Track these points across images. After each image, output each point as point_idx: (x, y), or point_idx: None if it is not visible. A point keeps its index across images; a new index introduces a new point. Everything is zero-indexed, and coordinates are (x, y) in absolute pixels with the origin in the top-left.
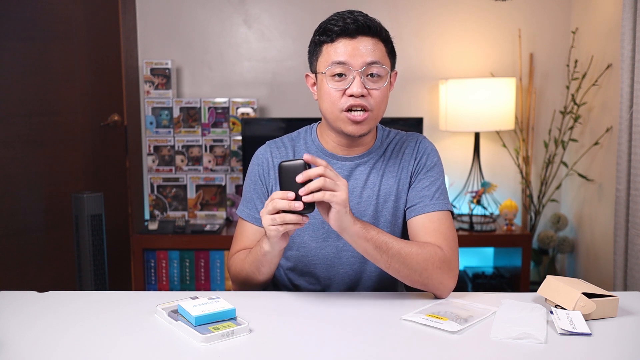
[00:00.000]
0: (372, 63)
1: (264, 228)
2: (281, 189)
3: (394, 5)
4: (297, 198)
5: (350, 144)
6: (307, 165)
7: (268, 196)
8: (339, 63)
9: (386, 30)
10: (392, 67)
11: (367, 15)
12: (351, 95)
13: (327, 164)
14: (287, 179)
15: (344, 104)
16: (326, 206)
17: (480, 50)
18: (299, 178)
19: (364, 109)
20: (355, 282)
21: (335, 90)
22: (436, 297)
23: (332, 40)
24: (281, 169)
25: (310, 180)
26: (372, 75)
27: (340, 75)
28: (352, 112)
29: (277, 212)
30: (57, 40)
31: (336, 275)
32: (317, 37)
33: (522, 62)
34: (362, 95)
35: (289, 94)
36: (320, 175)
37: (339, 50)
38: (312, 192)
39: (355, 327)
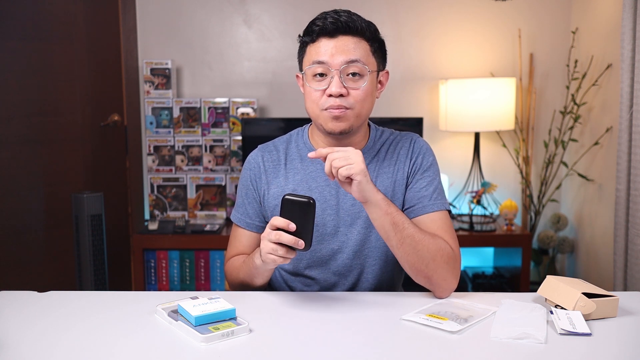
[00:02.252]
0: (352, 62)
1: (262, 247)
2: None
3: (394, 5)
4: (297, 231)
5: (338, 144)
6: (313, 204)
7: (259, 201)
8: (319, 63)
9: (373, 30)
10: (381, 66)
11: (352, 14)
12: (330, 95)
13: (330, 149)
14: (289, 213)
15: (324, 104)
16: (349, 181)
17: (480, 50)
18: (316, 154)
19: (342, 109)
20: (352, 285)
21: (316, 90)
22: (436, 297)
23: (313, 40)
24: (285, 202)
25: (311, 223)
26: (354, 75)
27: (321, 75)
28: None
29: (277, 243)
30: (57, 40)
31: (332, 277)
32: (302, 37)
33: (522, 62)
34: (341, 95)
35: (289, 94)
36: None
37: (320, 49)
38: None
39: (355, 327)
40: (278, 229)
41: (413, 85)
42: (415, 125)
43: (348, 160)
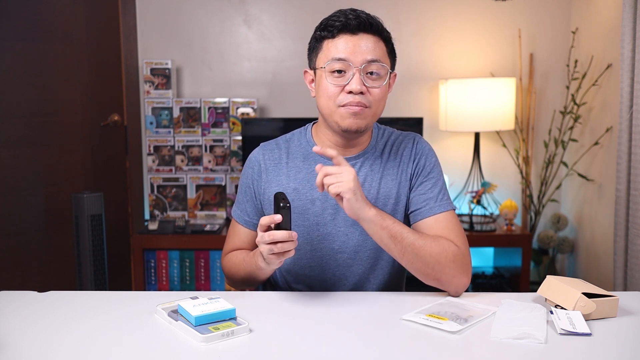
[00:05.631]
0: (373, 61)
1: (262, 251)
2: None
3: (394, 5)
4: (282, 224)
5: (347, 143)
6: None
7: (258, 200)
8: (339, 59)
9: (387, 31)
10: (392, 67)
11: (369, 14)
12: (350, 92)
13: (336, 154)
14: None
15: (342, 100)
16: (340, 198)
17: (480, 50)
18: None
19: (362, 107)
20: (353, 286)
21: (334, 86)
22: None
23: (333, 36)
24: (276, 197)
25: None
26: (371, 73)
27: (340, 71)
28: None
29: (275, 243)
30: (57, 40)
31: (332, 277)
32: (319, 32)
33: (522, 62)
34: (361, 93)
35: (289, 94)
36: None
37: (340, 46)
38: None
39: (355, 327)
40: (268, 227)
41: (413, 85)
42: (415, 125)
43: (338, 177)
